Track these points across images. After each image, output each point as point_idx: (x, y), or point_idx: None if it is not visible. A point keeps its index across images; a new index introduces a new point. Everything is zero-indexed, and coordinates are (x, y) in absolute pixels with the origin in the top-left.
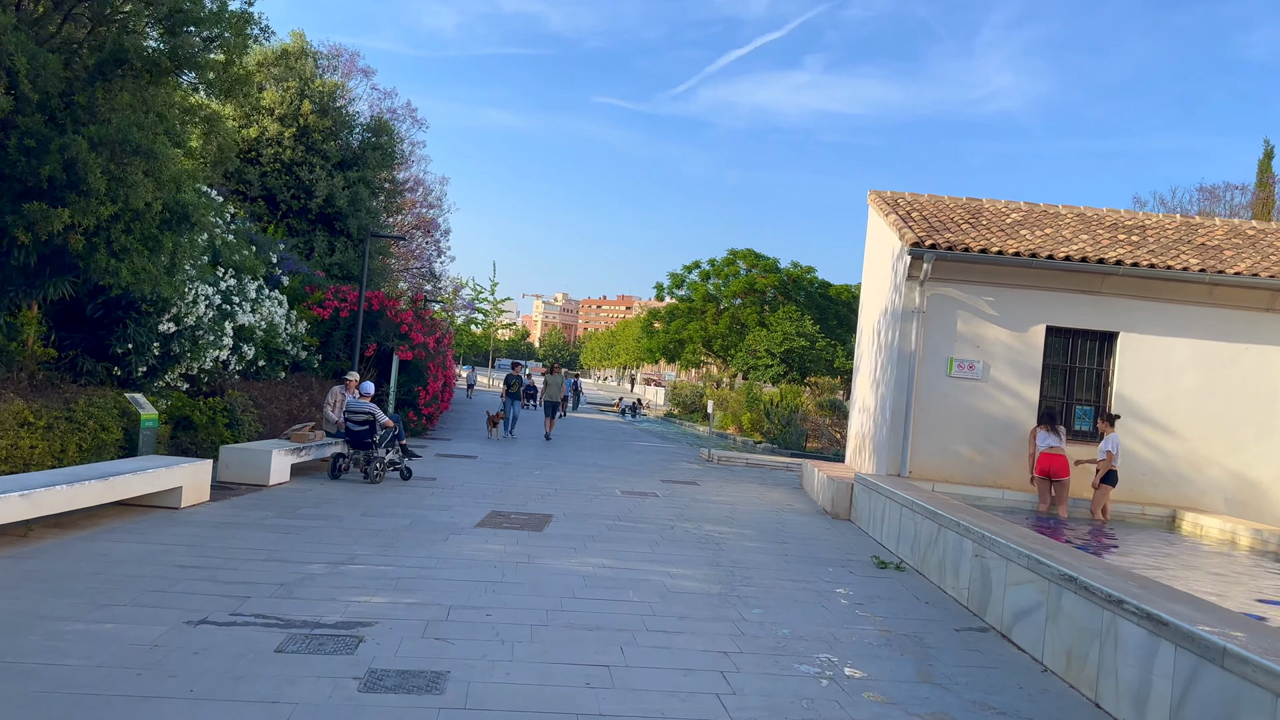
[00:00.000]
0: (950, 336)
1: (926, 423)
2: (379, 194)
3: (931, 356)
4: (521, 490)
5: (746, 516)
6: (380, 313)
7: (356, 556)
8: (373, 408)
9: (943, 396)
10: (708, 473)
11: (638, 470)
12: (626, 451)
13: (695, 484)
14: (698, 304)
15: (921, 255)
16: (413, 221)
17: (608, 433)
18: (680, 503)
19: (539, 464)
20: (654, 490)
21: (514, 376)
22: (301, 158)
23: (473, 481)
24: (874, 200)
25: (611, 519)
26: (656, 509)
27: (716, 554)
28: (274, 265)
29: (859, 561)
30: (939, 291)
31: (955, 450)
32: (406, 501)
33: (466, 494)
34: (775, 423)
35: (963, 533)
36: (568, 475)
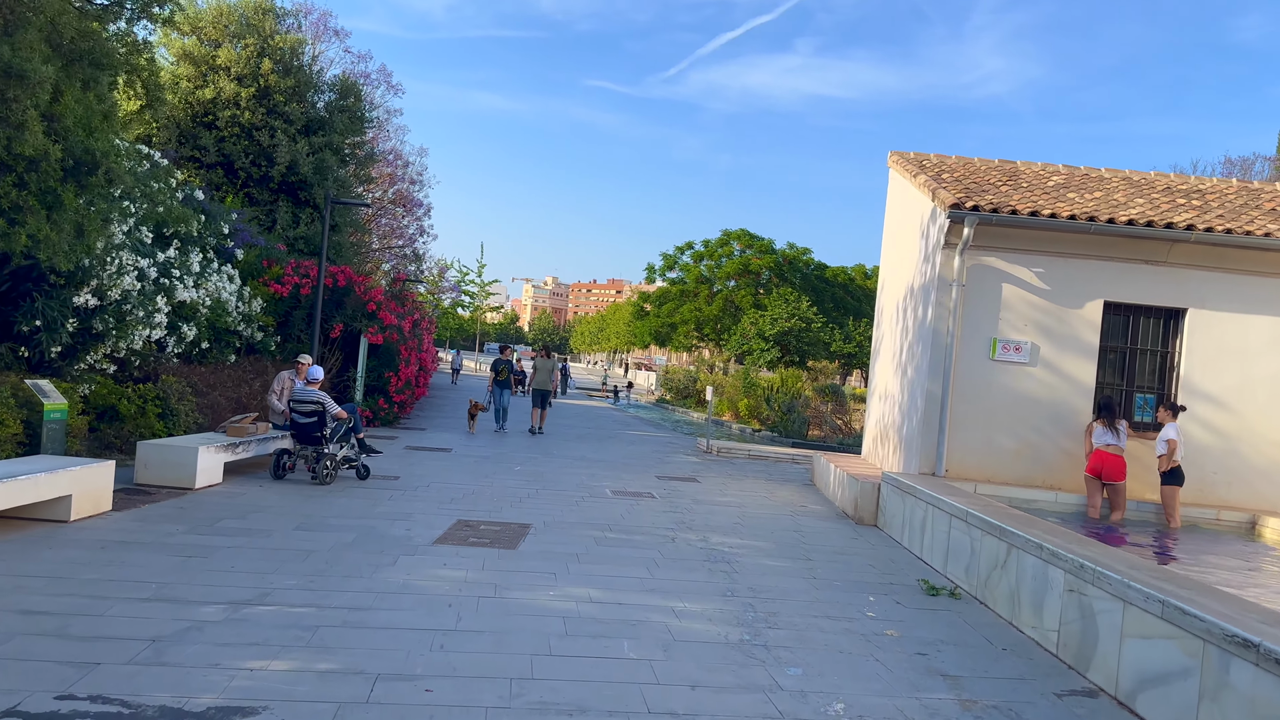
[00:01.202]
0: (993, 313)
1: (965, 413)
2: (349, 162)
3: (971, 337)
4: (497, 492)
5: (758, 523)
6: (347, 290)
7: (271, 592)
8: (322, 396)
9: (984, 383)
10: (707, 467)
11: (631, 465)
12: (618, 442)
13: (695, 481)
14: (690, 286)
15: (962, 219)
16: (391, 197)
17: (597, 421)
18: (680, 505)
19: (520, 459)
20: (649, 490)
21: (503, 361)
22: (262, 121)
23: (442, 481)
24: (896, 162)
25: (601, 529)
26: (653, 514)
27: (730, 577)
28: (225, 236)
29: (903, 586)
30: (980, 261)
31: (999, 445)
32: (357, 509)
33: (432, 497)
34: (775, 410)
35: (1048, 558)
36: (552, 472)
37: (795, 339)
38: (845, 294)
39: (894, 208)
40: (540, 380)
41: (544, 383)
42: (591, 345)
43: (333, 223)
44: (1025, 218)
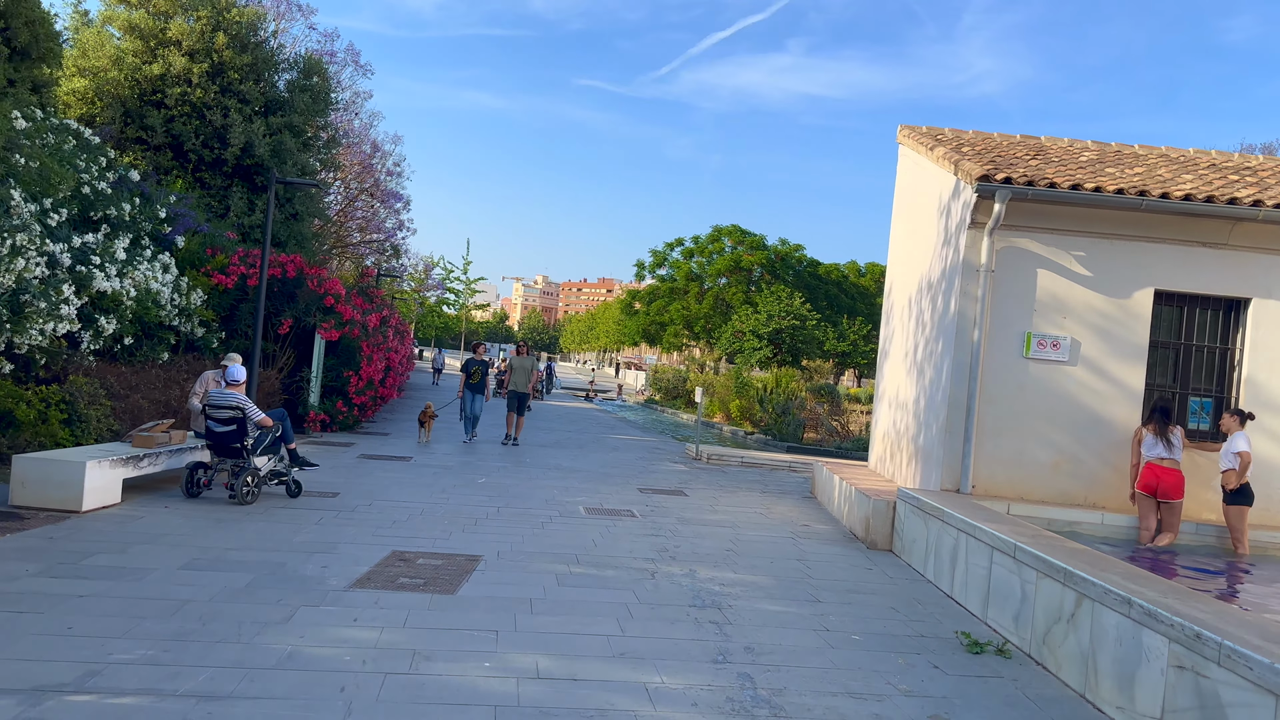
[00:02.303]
0: (1027, 304)
1: (994, 420)
2: (312, 145)
3: (1001, 332)
4: (451, 511)
5: (754, 549)
6: (298, 281)
7: (103, 669)
8: (242, 400)
9: (1016, 385)
10: (696, 476)
11: (611, 475)
12: (600, 448)
13: (682, 494)
14: (680, 283)
15: (992, 193)
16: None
17: (580, 423)
18: (664, 526)
19: (487, 469)
20: (629, 506)
21: (475, 361)
22: (215, 99)
23: (388, 498)
24: (909, 137)
25: (566, 561)
26: (631, 539)
27: (722, 632)
28: (162, 221)
29: (938, 640)
30: (1013, 244)
31: (1033, 457)
32: (271, 537)
33: (370, 520)
34: (769, 412)
35: (1141, 618)
36: (521, 484)
37: (789, 337)
38: (839, 291)
39: (905, 188)
40: (517, 382)
41: (521, 384)
42: (581, 344)
43: (294, 211)
44: (1065, 192)
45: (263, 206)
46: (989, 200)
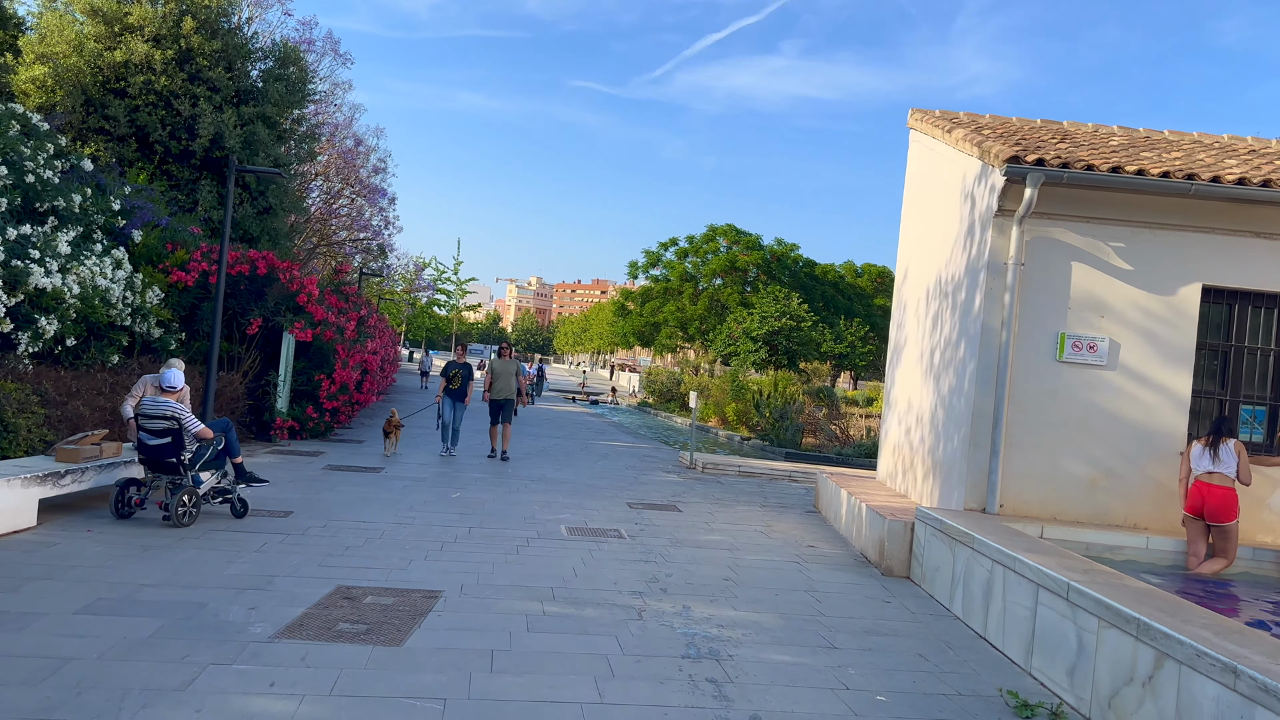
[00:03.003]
0: (1060, 302)
1: (1024, 431)
2: (288, 138)
3: (1032, 333)
4: (415, 533)
5: (756, 577)
6: (269, 279)
7: None
8: (178, 409)
9: (1048, 392)
10: (690, 488)
11: (599, 488)
12: (588, 456)
13: (675, 509)
14: (674, 284)
15: (1023, 176)
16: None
17: (569, 428)
18: (655, 550)
19: (464, 481)
20: (617, 524)
21: (456, 364)
22: (182, 88)
23: (348, 516)
24: (921, 121)
25: (540, 598)
26: (617, 566)
27: (722, 697)
28: (116, 214)
29: (979, 699)
30: (1044, 234)
31: (1068, 472)
32: (199, 568)
33: (320, 545)
34: (767, 416)
35: (1254, 694)
36: (498, 500)
37: (785, 338)
38: (835, 292)
39: (918, 177)
40: (500, 388)
41: (504, 391)
42: (575, 346)
43: (266, 205)
44: (1104, 175)
45: (234, 200)
46: (1019, 185)
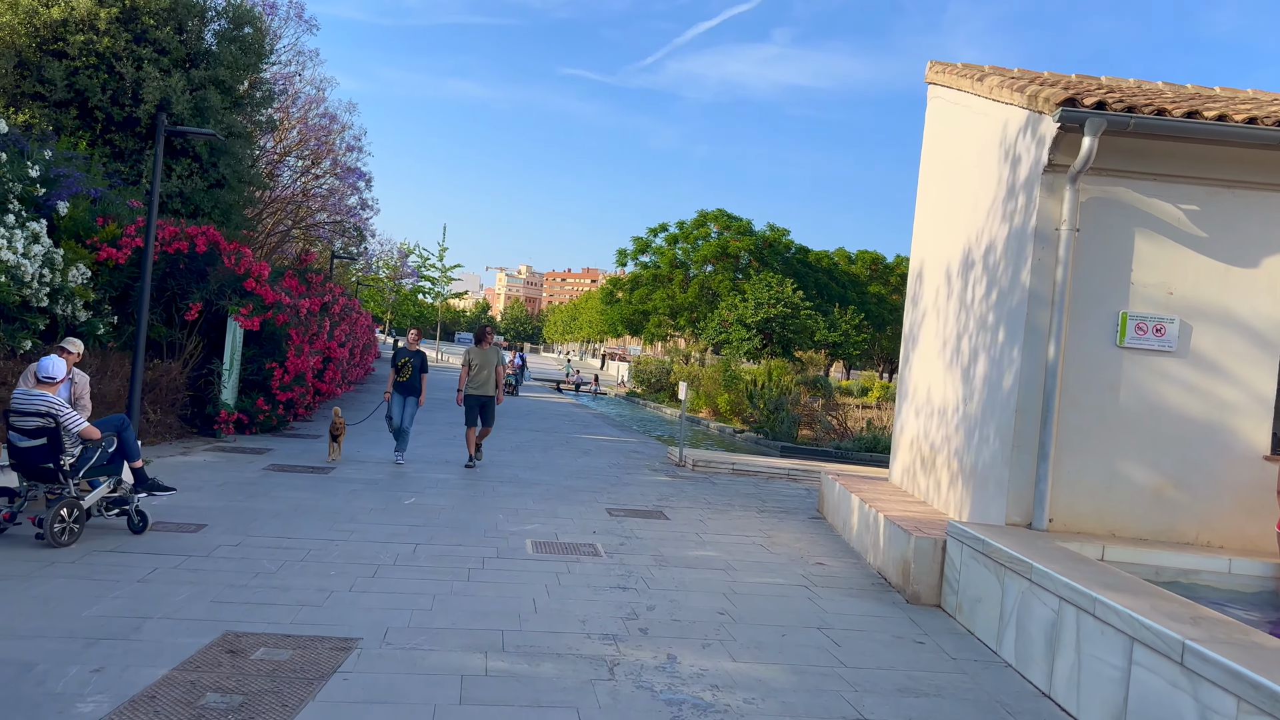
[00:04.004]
0: (1121, 276)
1: (1077, 431)
2: (244, 105)
3: (1087, 313)
4: (349, 552)
5: (757, 609)
6: (210, 257)
7: None
8: (55, 404)
9: (1107, 384)
10: (679, 490)
11: (577, 489)
12: (569, 451)
13: (662, 516)
14: (664, 270)
15: (1081, 122)
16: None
17: (551, 420)
18: (635, 571)
19: (422, 483)
20: (592, 537)
21: (405, 352)
22: (125, 48)
23: (271, 531)
24: (943, 73)
25: (485, 647)
26: (589, 596)
27: None
28: (34, 182)
29: None
30: (1103, 194)
31: (1129, 480)
32: (55, 606)
33: (224, 570)
34: (761, 408)
35: None
36: (459, 506)
37: (780, 326)
38: (829, 279)
39: (939, 139)
40: (478, 383)
41: (484, 386)
42: (564, 335)
43: (218, 177)
44: (1179, 122)
45: (183, 171)
46: (1075, 134)
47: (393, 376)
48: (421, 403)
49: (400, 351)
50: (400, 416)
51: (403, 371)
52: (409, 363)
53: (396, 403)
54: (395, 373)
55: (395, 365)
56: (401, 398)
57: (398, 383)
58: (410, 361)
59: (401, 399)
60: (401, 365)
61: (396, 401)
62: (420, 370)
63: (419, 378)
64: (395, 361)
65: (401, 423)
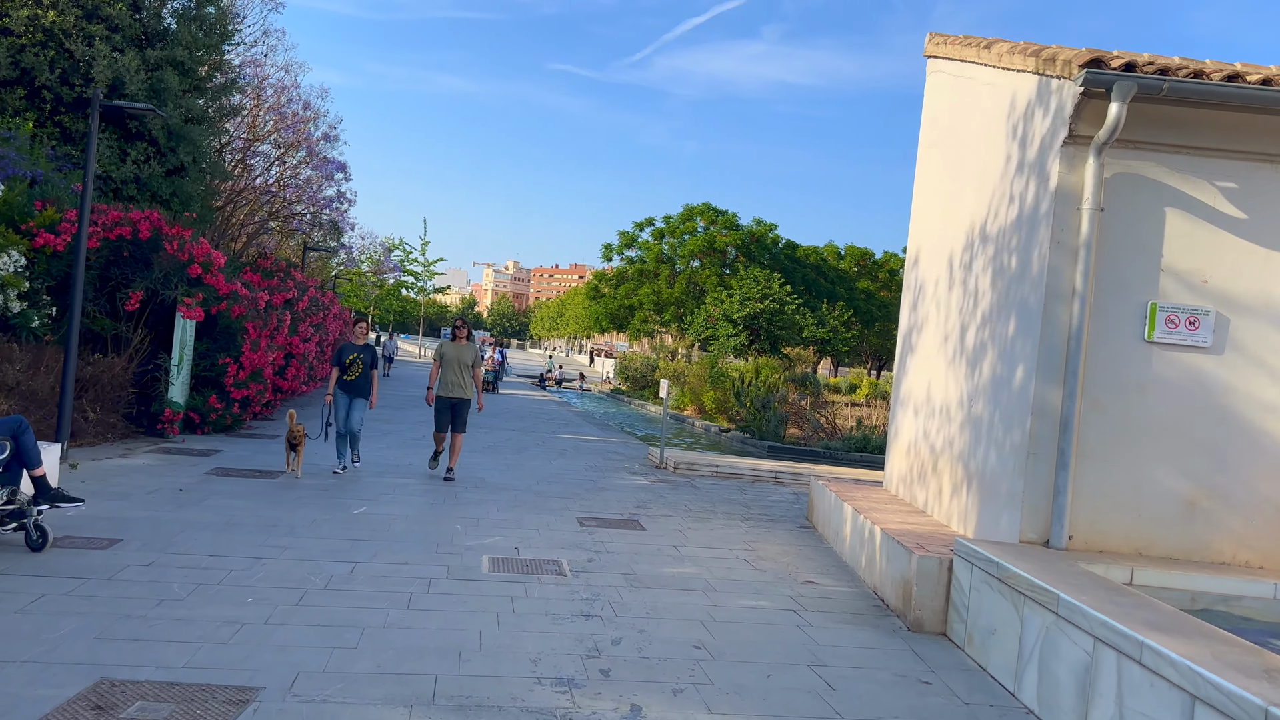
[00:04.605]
0: (1149, 261)
1: (1099, 436)
2: (205, 89)
3: (1110, 303)
4: (275, 573)
5: (738, 641)
6: (153, 244)
7: None
8: None
9: (1133, 383)
10: (659, 495)
11: (548, 495)
12: (544, 452)
13: (637, 525)
14: (650, 265)
15: (1107, 87)
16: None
17: (530, 418)
18: (603, 595)
19: (379, 488)
20: (558, 553)
21: (353, 348)
22: (75, 25)
23: (192, 547)
24: (945, 44)
25: (411, 701)
26: (545, 627)
27: None
28: None
29: None
30: (1130, 169)
31: (1159, 491)
32: None
33: (120, 598)
34: (748, 406)
35: None
36: (413, 515)
37: (767, 322)
38: (818, 275)
39: (941, 115)
40: (453, 382)
41: (459, 386)
42: (551, 331)
43: (177, 164)
44: (1219, 86)
45: (138, 156)
46: (1100, 100)
47: (335, 376)
48: (372, 405)
49: (346, 348)
50: (347, 420)
51: (350, 370)
52: (358, 359)
53: (342, 405)
54: (341, 371)
55: (341, 363)
56: (349, 399)
57: (345, 383)
58: (359, 358)
59: (349, 400)
60: (349, 363)
61: (342, 404)
62: (370, 367)
63: (369, 376)
64: (341, 359)
65: (350, 426)
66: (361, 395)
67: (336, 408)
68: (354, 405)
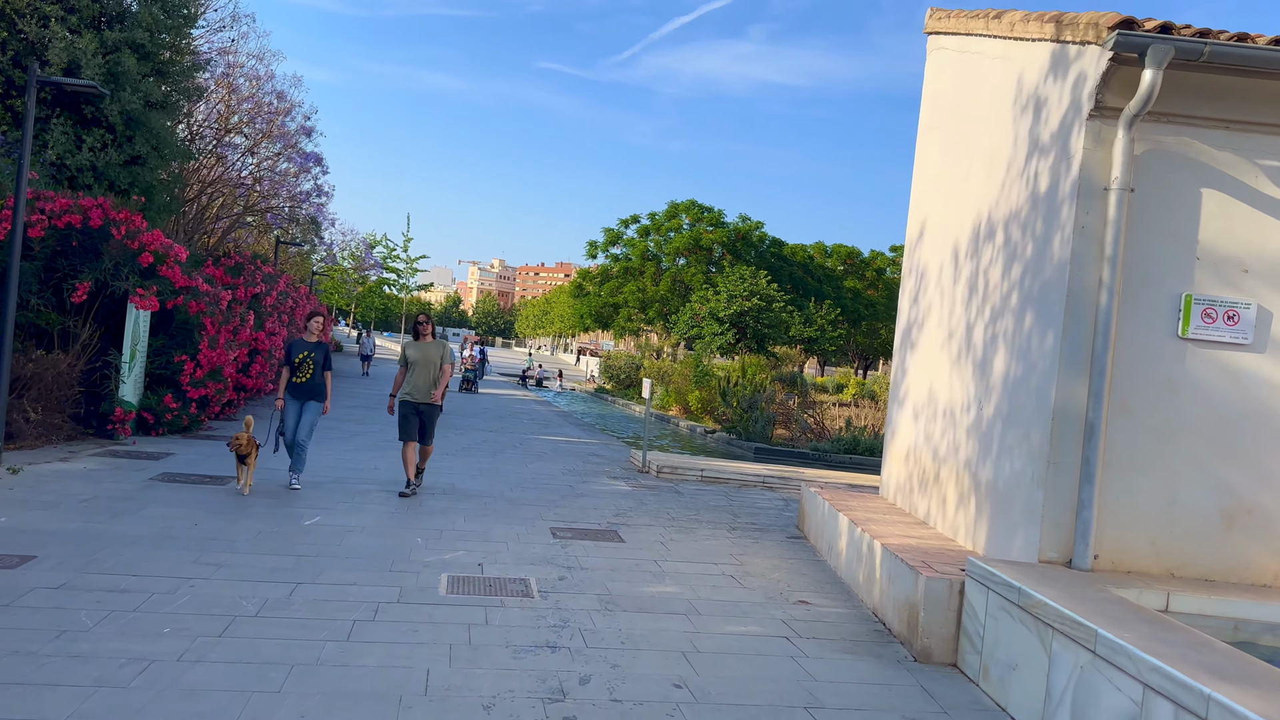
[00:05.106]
0: (1184, 248)
1: (1127, 443)
2: (167, 74)
3: (1138, 295)
4: (201, 597)
5: (726, 677)
6: (102, 233)
7: None
8: None
9: (1165, 384)
10: (640, 502)
11: (520, 503)
12: (521, 455)
13: (616, 537)
14: (635, 263)
15: (1141, 52)
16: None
17: (509, 419)
18: (573, 622)
19: (337, 495)
20: (527, 570)
21: (304, 345)
22: (29, 4)
23: (111, 566)
24: (947, 19)
25: None
26: (504, 663)
27: None
28: None
29: None
30: (1162, 145)
31: (1193, 505)
32: None
33: (15, 629)
34: (735, 406)
35: None
36: (369, 527)
37: (754, 320)
38: (805, 273)
39: (944, 98)
40: (420, 386)
41: (421, 390)
42: (536, 329)
43: (135, 153)
44: (1268, 51)
45: (94, 143)
46: (1132, 67)
47: (286, 377)
48: (326, 410)
49: (296, 345)
50: (295, 427)
51: (301, 370)
52: (309, 359)
53: (292, 410)
54: (291, 372)
55: (291, 363)
56: (299, 404)
57: (295, 385)
58: (311, 357)
59: (299, 405)
60: (299, 363)
61: (292, 409)
62: (324, 368)
63: (323, 378)
64: (291, 358)
65: (297, 435)
66: (314, 398)
67: (286, 414)
68: (305, 410)
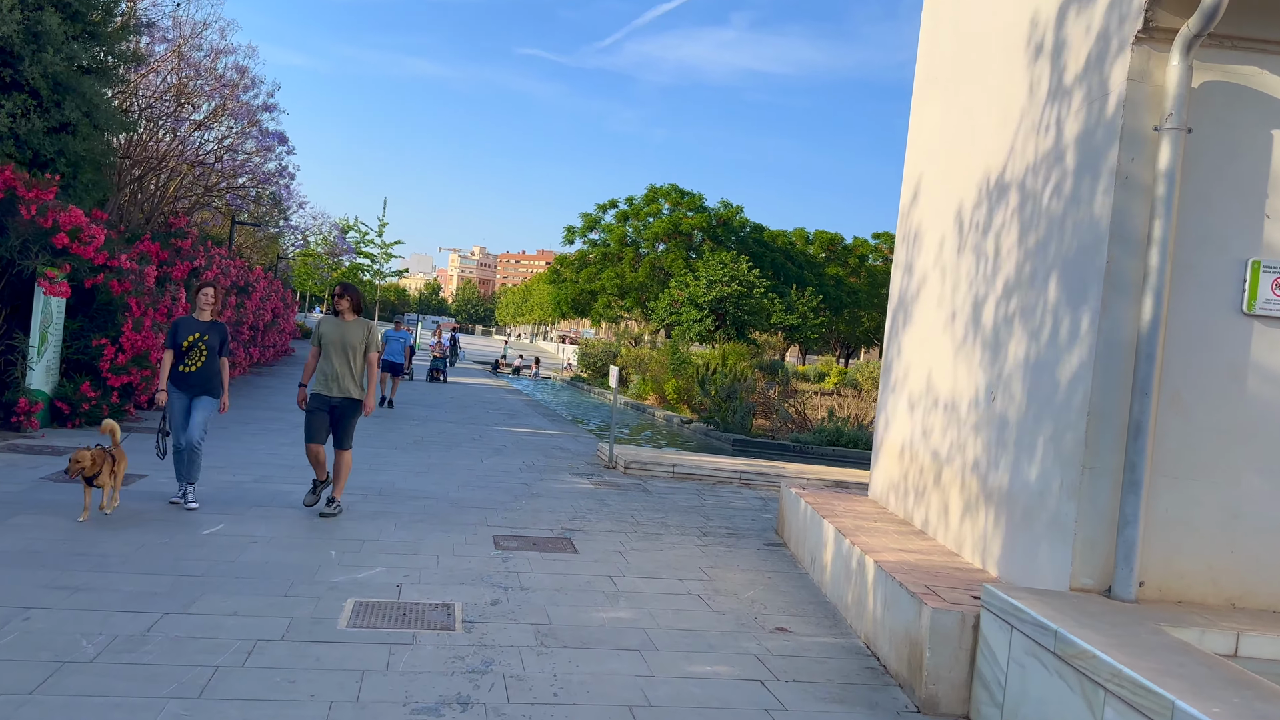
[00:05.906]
0: (1252, 202)
1: (1179, 443)
2: (99, 35)
3: (1193, 261)
4: (43, 628)
5: None
6: (7, 205)
7: None
8: None
9: (1226, 370)
10: (602, 502)
11: (464, 505)
12: (478, 448)
13: (569, 547)
14: (614, 249)
15: None
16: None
17: (475, 408)
18: (498, 662)
19: (252, 499)
20: (455, 592)
21: (195, 325)
22: None
23: None
24: None
25: None
26: None
27: None
28: None
29: None
30: (1228, 75)
31: (1259, 517)
32: None
33: None
34: (713, 395)
35: None
36: (279, 536)
37: (734, 306)
38: (786, 259)
39: (946, 32)
40: (328, 375)
41: (339, 381)
42: (516, 317)
43: (64, 120)
44: None
45: (15, 109)
46: None
47: (169, 363)
48: (224, 407)
49: (184, 324)
50: (185, 427)
51: (190, 356)
52: (199, 342)
53: (179, 406)
54: (177, 359)
55: (177, 346)
56: (187, 399)
57: (180, 375)
58: (203, 340)
59: (187, 400)
60: (188, 347)
61: (179, 405)
62: (219, 354)
63: (218, 366)
64: (176, 340)
65: (188, 435)
66: (206, 393)
67: (171, 410)
68: (195, 407)
